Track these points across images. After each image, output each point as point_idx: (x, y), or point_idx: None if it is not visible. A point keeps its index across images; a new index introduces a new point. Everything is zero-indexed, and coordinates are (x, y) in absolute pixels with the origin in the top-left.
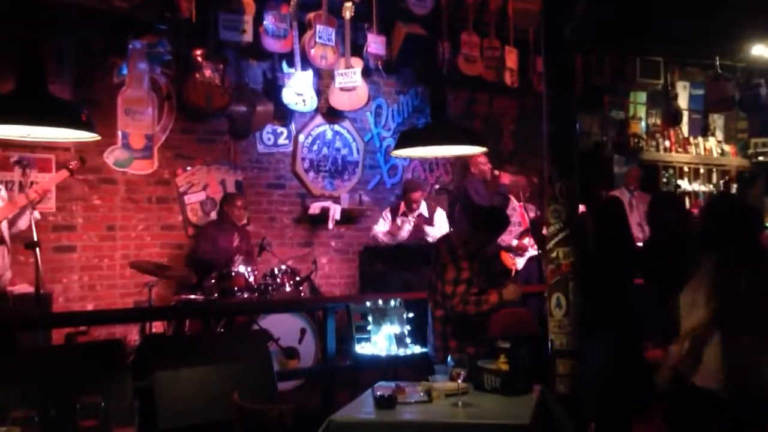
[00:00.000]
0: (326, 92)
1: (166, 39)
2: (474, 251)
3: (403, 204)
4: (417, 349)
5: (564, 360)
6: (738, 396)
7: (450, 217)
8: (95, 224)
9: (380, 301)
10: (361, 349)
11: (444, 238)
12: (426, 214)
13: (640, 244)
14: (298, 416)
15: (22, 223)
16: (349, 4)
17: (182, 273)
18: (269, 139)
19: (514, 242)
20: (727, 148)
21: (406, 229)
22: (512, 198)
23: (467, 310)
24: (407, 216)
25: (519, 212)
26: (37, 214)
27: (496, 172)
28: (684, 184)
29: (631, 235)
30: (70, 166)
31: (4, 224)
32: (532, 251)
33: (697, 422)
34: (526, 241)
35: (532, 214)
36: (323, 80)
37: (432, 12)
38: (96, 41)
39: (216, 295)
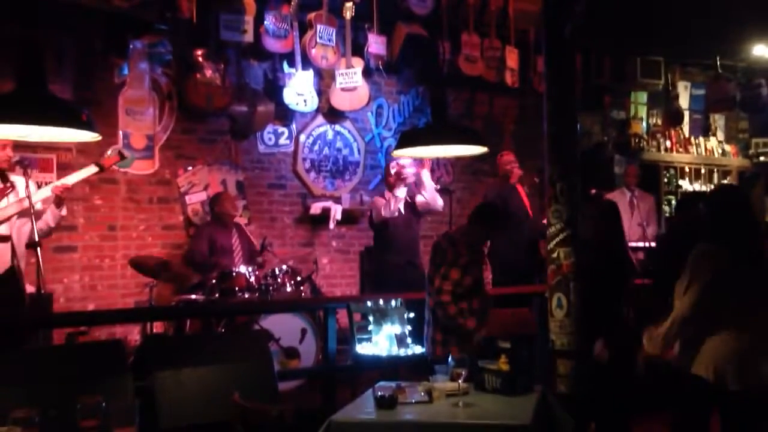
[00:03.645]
0: (327, 92)
1: (167, 39)
2: (475, 249)
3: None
4: (418, 350)
5: (565, 360)
6: (741, 388)
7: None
8: (96, 224)
9: (381, 301)
10: (362, 349)
11: (447, 237)
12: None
13: (641, 244)
14: (299, 416)
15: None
16: (349, 4)
17: (182, 271)
18: (270, 139)
19: None
20: (728, 148)
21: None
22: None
23: (448, 310)
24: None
25: None
26: (64, 211)
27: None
28: (685, 185)
29: (623, 238)
30: (103, 162)
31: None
32: None
33: (698, 412)
34: None
35: None
36: (324, 80)
37: (433, 12)
38: (96, 41)
39: (217, 295)
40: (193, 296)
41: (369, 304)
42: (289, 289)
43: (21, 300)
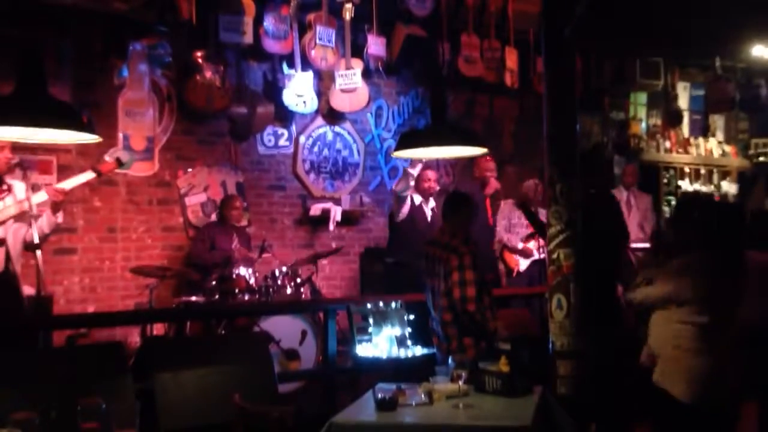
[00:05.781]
0: (327, 93)
1: (167, 41)
2: (469, 242)
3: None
4: (418, 351)
5: (565, 361)
6: (707, 404)
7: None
8: (96, 226)
9: (381, 303)
10: (362, 350)
11: (439, 244)
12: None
13: (642, 245)
14: (299, 418)
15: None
16: (349, 6)
17: (182, 270)
18: (270, 140)
19: (520, 245)
20: (727, 148)
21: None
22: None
23: (475, 318)
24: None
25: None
26: (59, 218)
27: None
28: (685, 185)
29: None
30: (100, 168)
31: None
32: (536, 255)
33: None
34: (531, 244)
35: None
36: (323, 81)
37: (432, 13)
38: (96, 43)
39: (217, 296)
40: (193, 298)
41: (369, 305)
42: (289, 290)
43: (18, 303)
